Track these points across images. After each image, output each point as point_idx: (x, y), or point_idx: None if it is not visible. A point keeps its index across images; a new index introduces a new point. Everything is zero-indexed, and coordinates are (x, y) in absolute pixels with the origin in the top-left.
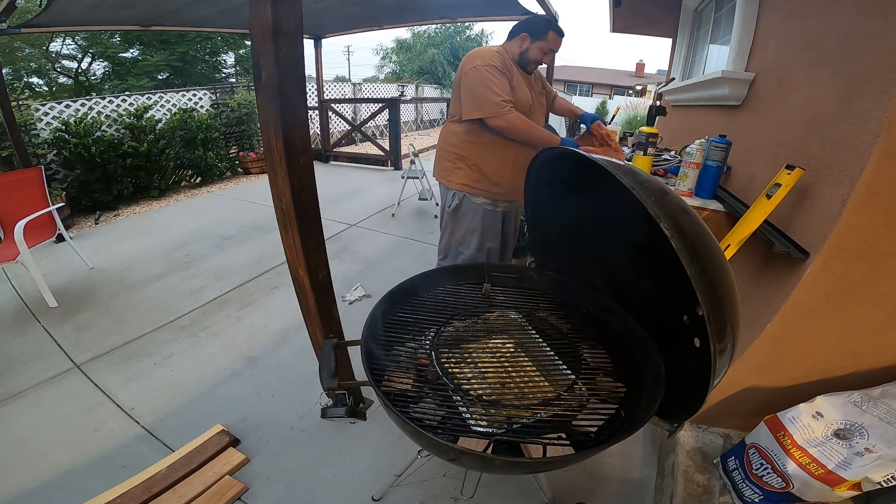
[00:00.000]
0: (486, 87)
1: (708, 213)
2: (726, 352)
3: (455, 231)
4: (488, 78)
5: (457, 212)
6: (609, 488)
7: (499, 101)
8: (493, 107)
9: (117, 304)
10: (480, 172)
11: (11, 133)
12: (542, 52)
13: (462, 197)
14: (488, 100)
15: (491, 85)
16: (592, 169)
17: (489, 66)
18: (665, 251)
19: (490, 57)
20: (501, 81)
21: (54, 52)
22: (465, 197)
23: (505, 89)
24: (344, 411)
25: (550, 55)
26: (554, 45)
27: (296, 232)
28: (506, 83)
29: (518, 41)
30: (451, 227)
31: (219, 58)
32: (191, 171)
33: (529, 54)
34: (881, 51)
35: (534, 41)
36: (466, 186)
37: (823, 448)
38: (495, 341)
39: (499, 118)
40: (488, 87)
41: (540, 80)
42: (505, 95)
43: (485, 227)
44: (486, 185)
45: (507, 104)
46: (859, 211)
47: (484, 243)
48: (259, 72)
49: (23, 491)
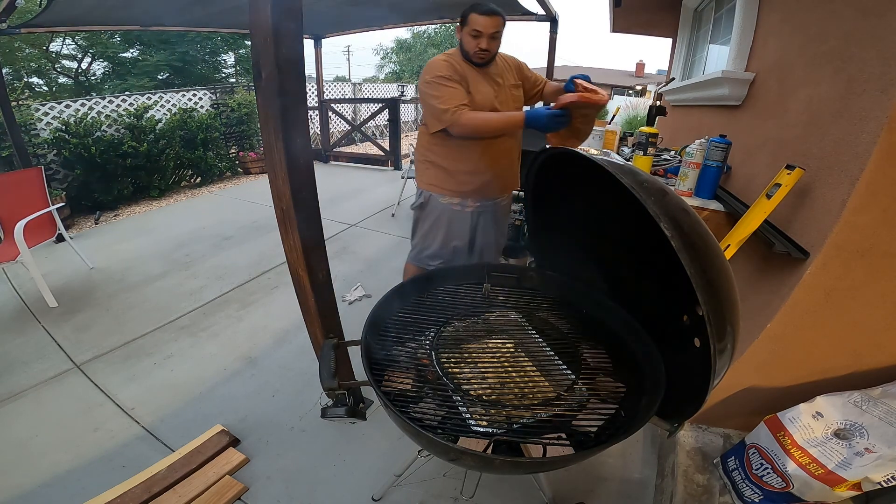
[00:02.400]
0: (434, 98)
1: (708, 213)
2: (726, 352)
3: (421, 228)
4: (434, 90)
5: (422, 209)
6: (609, 488)
7: (444, 110)
8: (442, 116)
9: (117, 304)
10: (447, 173)
11: (11, 133)
12: (473, 38)
13: (428, 196)
14: (438, 111)
15: (437, 96)
16: (592, 169)
17: (436, 78)
18: (665, 251)
19: (437, 68)
20: (448, 90)
21: (54, 52)
22: (431, 196)
23: (453, 96)
24: (344, 411)
25: (485, 40)
26: (478, 26)
27: (296, 232)
28: (455, 90)
29: (458, 34)
30: (418, 224)
31: (219, 58)
32: (191, 171)
33: (464, 45)
34: (881, 51)
35: (463, 30)
36: (433, 186)
37: (823, 448)
38: (495, 341)
39: (453, 125)
40: (435, 99)
41: (514, 71)
42: (452, 103)
43: (450, 226)
44: (452, 184)
45: (457, 109)
46: (859, 211)
47: (449, 241)
48: (259, 72)
49: (23, 491)
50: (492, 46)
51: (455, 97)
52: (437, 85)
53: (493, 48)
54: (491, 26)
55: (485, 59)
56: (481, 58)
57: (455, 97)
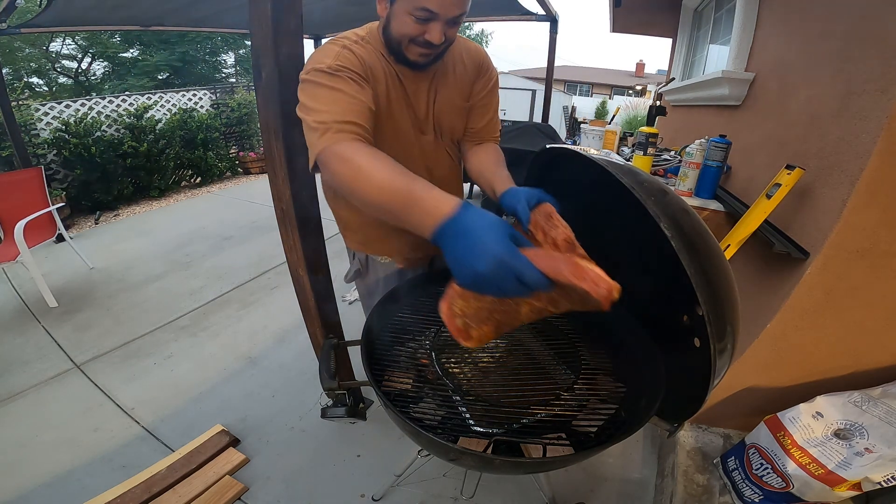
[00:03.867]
0: (304, 108)
1: (708, 213)
2: (726, 352)
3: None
4: (308, 93)
5: (363, 277)
6: (609, 488)
7: (314, 128)
8: (310, 138)
9: (117, 304)
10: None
11: (11, 133)
12: (417, 20)
13: (364, 259)
14: (307, 129)
15: (310, 107)
16: (592, 169)
17: (315, 74)
18: (665, 251)
19: (323, 56)
20: (331, 93)
21: (54, 52)
22: (368, 259)
23: (336, 104)
24: (344, 411)
25: (439, 27)
26: (432, 3)
27: (296, 232)
28: (341, 94)
29: (379, 8)
30: (365, 299)
31: (219, 58)
32: (191, 171)
33: (394, 28)
34: (881, 51)
35: (393, 2)
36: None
37: (823, 448)
38: (495, 341)
39: (320, 162)
40: (306, 109)
41: (469, 78)
42: (330, 116)
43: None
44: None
45: (338, 128)
46: (859, 211)
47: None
48: (259, 72)
49: (23, 491)
50: (450, 36)
51: (339, 105)
52: (315, 85)
53: (449, 39)
54: (457, 4)
55: (428, 60)
56: (424, 57)
57: (339, 105)
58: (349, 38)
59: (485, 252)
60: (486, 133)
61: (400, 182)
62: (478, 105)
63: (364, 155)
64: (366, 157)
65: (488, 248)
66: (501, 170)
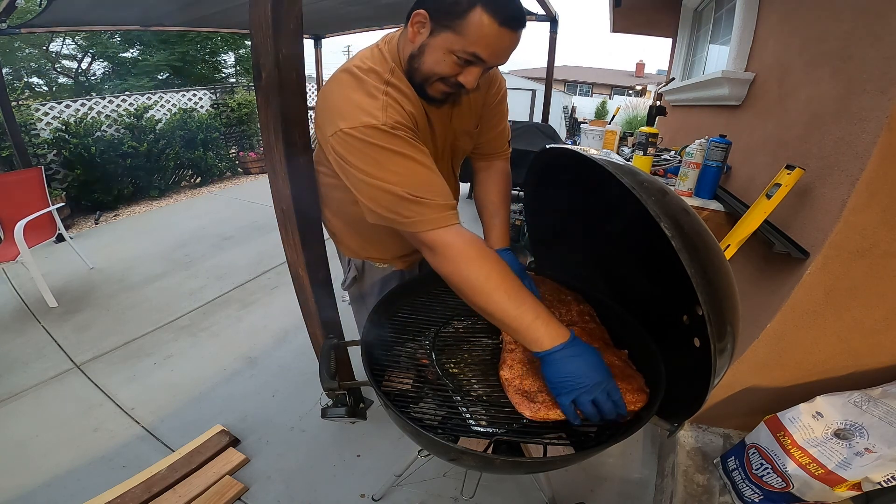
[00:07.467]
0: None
1: (708, 213)
2: (726, 352)
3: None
4: (372, 158)
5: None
6: (609, 488)
7: (417, 201)
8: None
9: (117, 304)
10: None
11: (11, 133)
12: (457, 62)
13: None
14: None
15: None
16: (592, 168)
17: (371, 132)
18: (665, 251)
19: (370, 106)
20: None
21: (54, 52)
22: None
23: (430, 182)
24: (344, 411)
25: (476, 73)
26: (485, 46)
27: (296, 232)
28: (425, 168)
29: (411, 32)
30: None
31: (219, 58)
32: (191, 171)
33: (425, 62)
34: (881, 51)
35: (437, 31)
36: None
37: (823, 448)
38: (495, 341)
39: (426, 243)
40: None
41: (479, 103)
42: (432, 195)
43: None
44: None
45: (449, 214)
46: (859, 211)
47: None
48: (259, 71)
49: (23, 491)
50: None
51: (419, 178)
52: (376, 149)
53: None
54: (508, 50)
55: (446, 98)
56: (444, 95)
57: (419, 178)
58: (382, 76)
59: (599, 368)
60: (496, 145)
61: (514, 312)
62: (487, 116)
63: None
64: (484, 268)
65: (601, 367)
66: (501, 213)
